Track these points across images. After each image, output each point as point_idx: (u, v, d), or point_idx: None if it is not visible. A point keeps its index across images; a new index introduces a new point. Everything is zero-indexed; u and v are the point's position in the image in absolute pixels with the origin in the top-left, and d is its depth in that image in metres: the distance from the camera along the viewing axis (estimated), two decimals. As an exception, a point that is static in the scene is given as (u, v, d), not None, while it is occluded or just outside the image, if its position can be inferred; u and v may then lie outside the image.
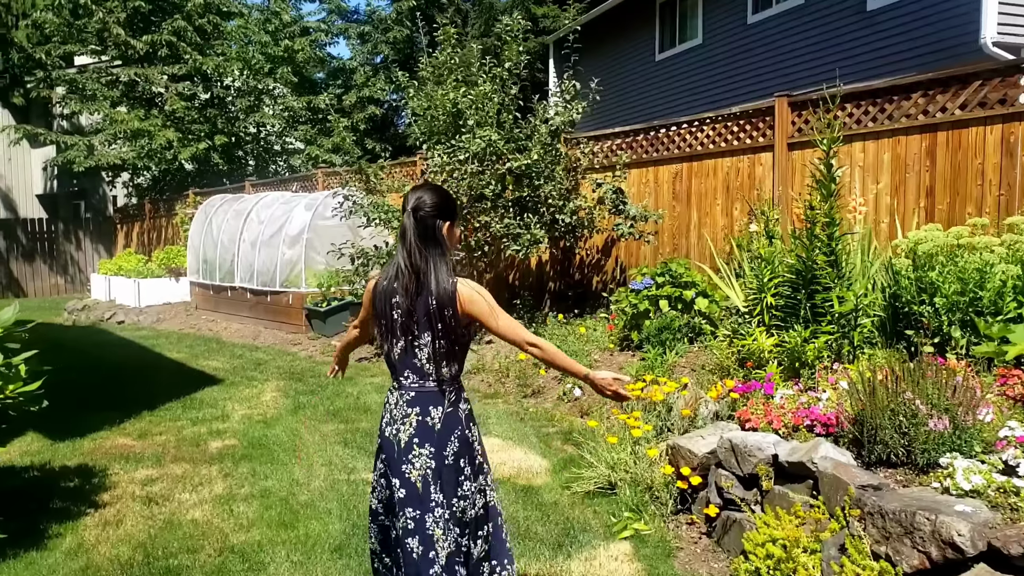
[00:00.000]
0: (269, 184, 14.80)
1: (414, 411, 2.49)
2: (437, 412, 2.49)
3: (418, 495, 2.45)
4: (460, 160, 7.70)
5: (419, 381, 2.50)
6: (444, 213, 2.52)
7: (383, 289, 2.54)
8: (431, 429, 2.47)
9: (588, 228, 8.39)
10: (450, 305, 2.44)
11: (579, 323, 8.44)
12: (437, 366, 2.48)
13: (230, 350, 9.64)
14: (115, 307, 13.02)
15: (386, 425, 2.56)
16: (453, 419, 2.51)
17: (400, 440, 2.49)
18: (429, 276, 2.44)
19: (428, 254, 2.45)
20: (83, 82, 17.94)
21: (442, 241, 2.50)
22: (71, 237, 20.98)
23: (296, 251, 10.25)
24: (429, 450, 2.46)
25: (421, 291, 2.44)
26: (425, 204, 2.48)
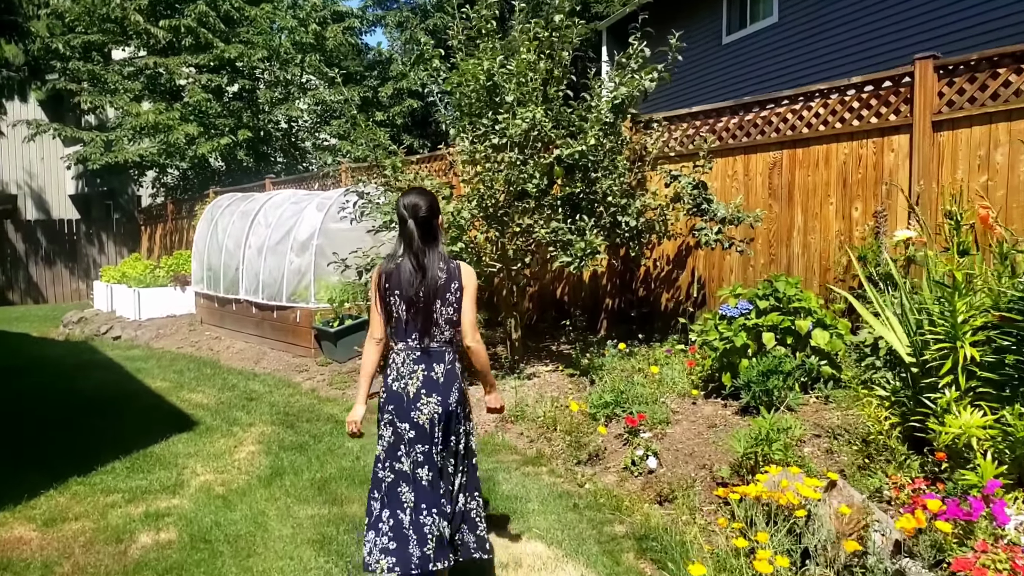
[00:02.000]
0: (290, 182, 13.32)
1: (420, 367, 3.00)
2: (441, 368, 3.02)
3: (427, 434, 2.98)
4: (495, 146, 5.99)
5: (426, 342, 3.01)
6: (436, 211, 3.08)
7: (393, 274, 3.03)
8: (436, 382, 3.00)
9: (657, 233, 6.60)
10: (456, 279, 3.03)
11: (645, 354, 6.66)
12: (440, 330, 3.02)
13: (223, 378, 8.09)
14: (114, 320, 11.65)
15: (393, 381, 3.03)
16: (452, 374, 3.05)
17: (408, 391, 2.99)
18: (433, 264, 3.00)
19: (430, 249, 3.03)
20: (103, 74, 16.77)
21: (438, 235, 3.09)
22: (94, 239, 19.90)
23: (305, 259, 8.68)
24: (437, 399, 2.99)
25: (429, 275, 2.98)
26: (422, 208, 3.02)
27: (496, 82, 6.24)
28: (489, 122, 6.00)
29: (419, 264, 2.96)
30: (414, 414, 2.95)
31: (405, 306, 2.99)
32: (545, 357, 7.40)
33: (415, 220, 2.98)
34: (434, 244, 3.02)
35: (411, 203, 3.00)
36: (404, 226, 3.01)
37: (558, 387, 6.40)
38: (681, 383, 5.75)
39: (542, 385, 6.49)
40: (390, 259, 3.06)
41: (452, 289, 2.99)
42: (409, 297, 2.97)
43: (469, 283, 3.04)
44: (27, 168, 24.79)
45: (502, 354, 7.73)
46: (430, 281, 2.96)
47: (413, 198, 3.03)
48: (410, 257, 2.98)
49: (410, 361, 3.00)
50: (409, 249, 2.99)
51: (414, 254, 2.97)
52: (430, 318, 2.98)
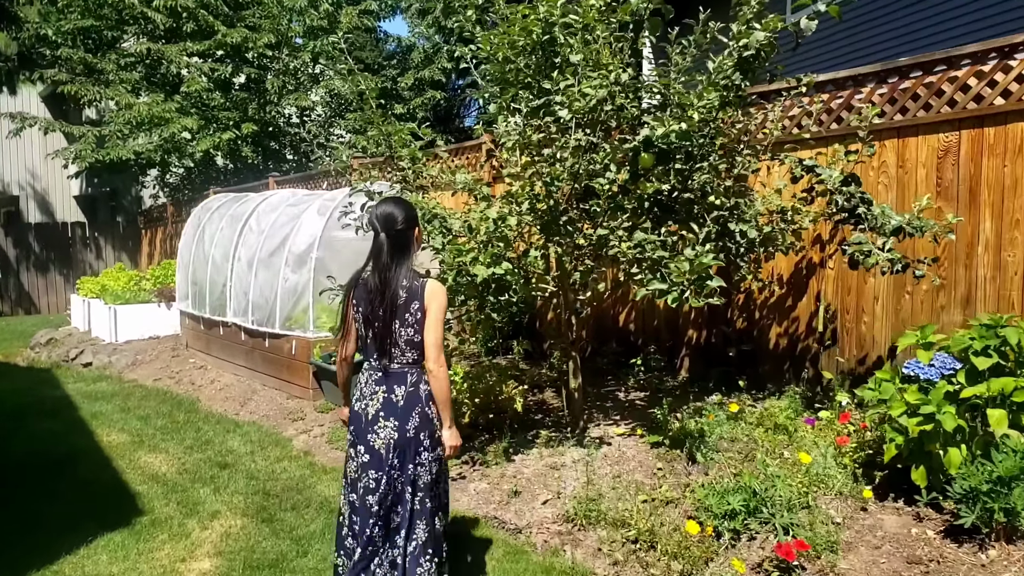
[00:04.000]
0: (295, 180, 11.61)
1: (381, 389, 2.84)
2: (401, 391, 2.84)
3: (381, 460, 2.83)
4: (558, 123, 4.18)
5: (386, 363, 2.84)
6: (413, 222, 2.89)
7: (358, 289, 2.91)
8: (395, 405, 2.83)
9: (778, 245, 4.76)
10: (417, 298, 2.80)
11: (760, 414, 4.82)
12: (402, 351, 2.83)
13: (196, 429, 6.35)
14: (88, 342, 9.97)
15: (356, 400, 2.92)
16: (415, 397, 2.85)
17: (368, 413, 2.86)
18: (398, 279, 2.80)
19: (397, 264, 2.82)
20: (96, 63, 15.18)
21: (412, 248, 2.90)
22: (91, 244, 18.37)
23: (302, 276, 6.92)
24: (393, 424, 2.82)
25: (389, 292, 2.78)
26: (397, 219, 2.82)
27: (553, 36, 4.43)
28: (551, 87, 4.17)
29: (382, 280, 2.82)
30: (370, 437, 2.86)
31: (364, 324, 2.89)
32: (613, 411, 5.57)
33: (388, 234, 2.83)
34: (403, 259, 2.85)
35: (385, 214, 2.85)
36: (375, 238, 2.85)
37: (641, 464, 4.57)
38: (831, 471, 3.90)
39: (618, 459, 4.66)
40: (361, 271, 2.95)
41: (412, 309, 2.82)
42: (366, 316, 2.87)
43: (433, 302, 2.82)
44: (30, 168, 23.43)
45: (553, 404, 5.91)
46: (390, 299, 2.81)
47: (388, 208, 2.87)
48: (375, 272, 2.86)
49: (372, 382, 2.89)
50: (376, 263, 2.86)
51: (380, 269, 2.84)
52: (389, 338, 2.83)
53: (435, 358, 2.80)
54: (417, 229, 2.92)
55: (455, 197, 7.21)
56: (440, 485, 2.98)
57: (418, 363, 2.87)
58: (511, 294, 4.35)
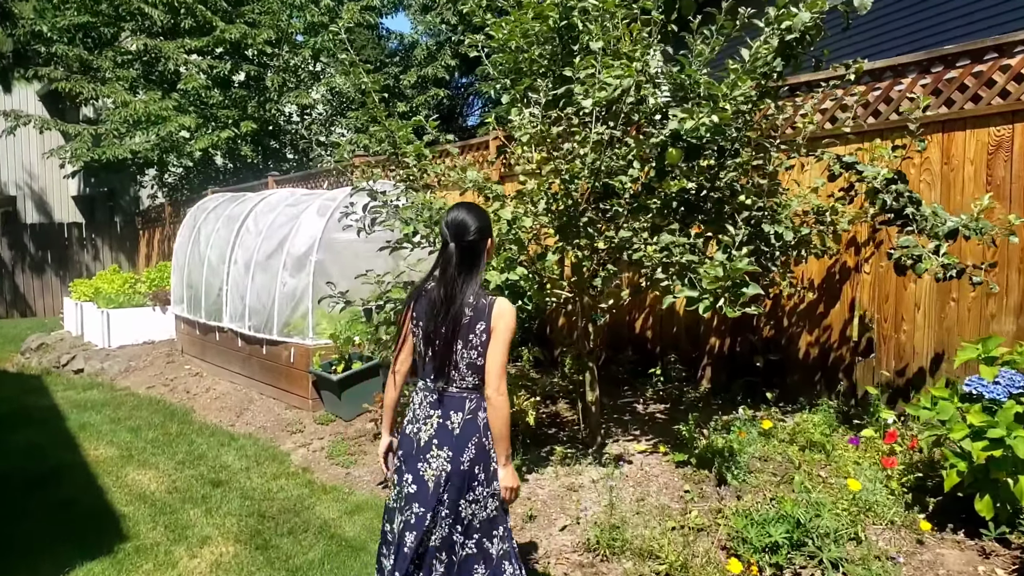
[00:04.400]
0: (295, 180, 11.27)
1: (436, 413, 2.55)
2: (458, 418, 2.53)
3: (428, 494, 2.50)
4: (575, 117, 3.82)
5: (444, 386, 2.55)
6: (486, 232, 2.57)
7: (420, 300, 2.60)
8: (451, 433, 2.52)
9: (812, 249, 4.40)
10: (484, 318, 2.49)
11: (787, 429, 4.48)
12: (462, 374, 2.53)
13: (190, 442, 6.01)
14: (80, 347, 9.62)
15: (408, 423, 2.64)
16: (472, 426, 2.53)
17: (420, 439, 2.56)
18: (464, 295, 2.49)
19: (465, 278, 2.51)
20: (91, 60, 14.85)
21: (482, 261, 2.57)
22: (87, 245, 18.04)
23: (301, 280, 6.57)
24: (447, 453, 2.51)
25: (453, 309, 2.48)
26: (469, 228, 2.51)
27: (571, 21, 4.09)
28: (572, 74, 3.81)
29: (447, 295, 2.51)
30: (420, 466, 2.55)
31: (424, 341, 2.59)
32: (632, 424, 5.22)
33: (458, 244, 2.52)
34: (472, 273, 2.54)
35: (456, 221, 2.54)
36: (444, 248, 2.56)
37: (666, 485, 4.22)
38: (882, 498, 3.54)
39: (640, 479, 4.31)
40: (425, 281, 2.64)
41: (477, 330, 2.50)
42: (427, 332, 2.57)
43: (500, 325, 2.50)
44: (27, 168, 23.14)
45: (567, 417, 5.56)
46: (453, 317, 2.49)
47: (460, 214, 2.56)
48: (440, 285, 2.54)
49: (426, 404, 2.60)
50: (442, 276, 2.54)
51: (446, 283, 2.52)
52: (449, 359, 2.53)
53: (496, 385, 2.49)
54: (490, 240, 2.61)
55: (462, 197, 6.85)
56: (500, 526, 2.61)
57: (478, 389, 2.56)
58: (525, 301, 4.00)
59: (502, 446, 2.56)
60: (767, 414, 4.96)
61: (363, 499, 4.64)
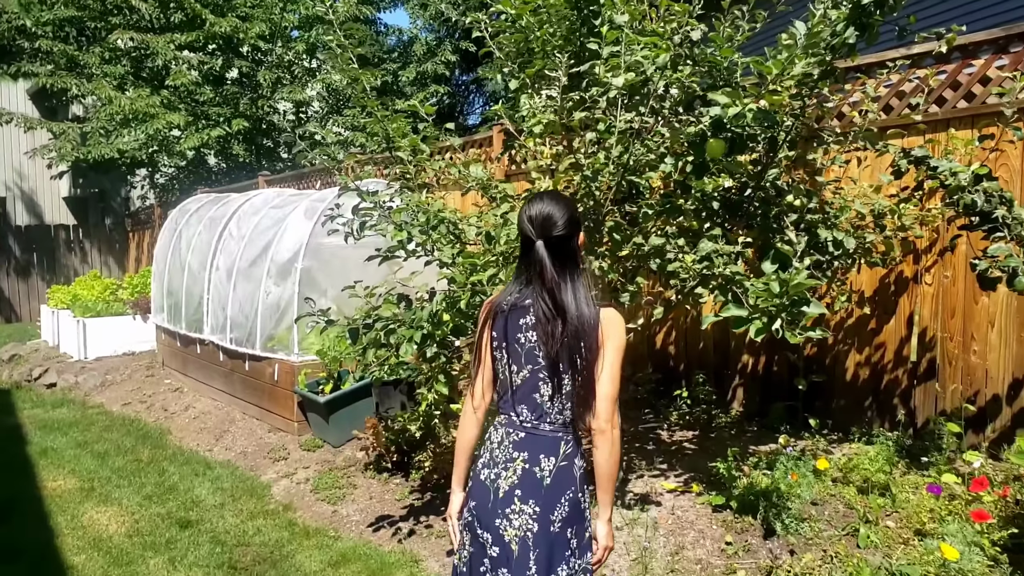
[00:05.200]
0: (287, 179, 10.67)
1: (521, 456, 2.02)
2: (549, 463, 2.00)
3: (512, 560, 1.96)
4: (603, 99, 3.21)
5: (534, 421, 2.04)
6: (578, 224, 2.05)
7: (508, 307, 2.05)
8: (539, 483, 1.99)
9: (869, 256, 3.79)
10: (592, 334, 1.98)
11: (838, 463, 3.87)
12: (561, 406, 2.03)
13: (160, 470, 5.39)
14: (55, 358, 9.00)
15: (483, 467, 2.09)
16: (567, 476, 2.00)
17: (499, 487, 2.02)
18: (579, 302, 1.97)
19: (572, 280, 1.99)
20: (78, 55, 14.26)
21: (580, 259, 2.05)
22: (75, 248, 17.44)
23: (286, 289, 5.96)
24: (533, 508, 1.97)
25: (571, 322, 1.96)
26: (556, 221, 1.98)
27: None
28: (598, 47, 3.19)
29: (555, 304, 1.96)
30: (499, 523, 1.98)
31: (513, 364, 2.04)
32: (657, 456, 4.60)
33: (547, 241, 1.96)
34: (577, 275, 2.01)
35: (543, 214, 1.98)
36: (528, 251, 2.00)
37: (703, 534, 3.60)
38: (978, 564, 2.92)
39: (674, 526, 3.70)
40: (507, 293, 2.08)
41: (583, 349, 1.96)
42: (529, 352, 2.02)
43: (612, 338, 1.98)
44: (16, 168, 22.53)
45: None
46: (574, 332, 1.96)
47: (543, 206, 1.99)
48: (541, 294, 1.97)
49: (509, 444, 2.05)
50: (540, 284, 1.97)
51: (549, 290, 1.96)
52: (552, 386, 2.01)
53: (610, 415, 1.98)
54: (581, 235, 2.11)
55: (464, 198, 6.25)
56: None
57: (571, 425, 2.07)
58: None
59: (610, 495, 2.06)
60: (812, 445, 4.35)
61: (350, 546, 4.02)
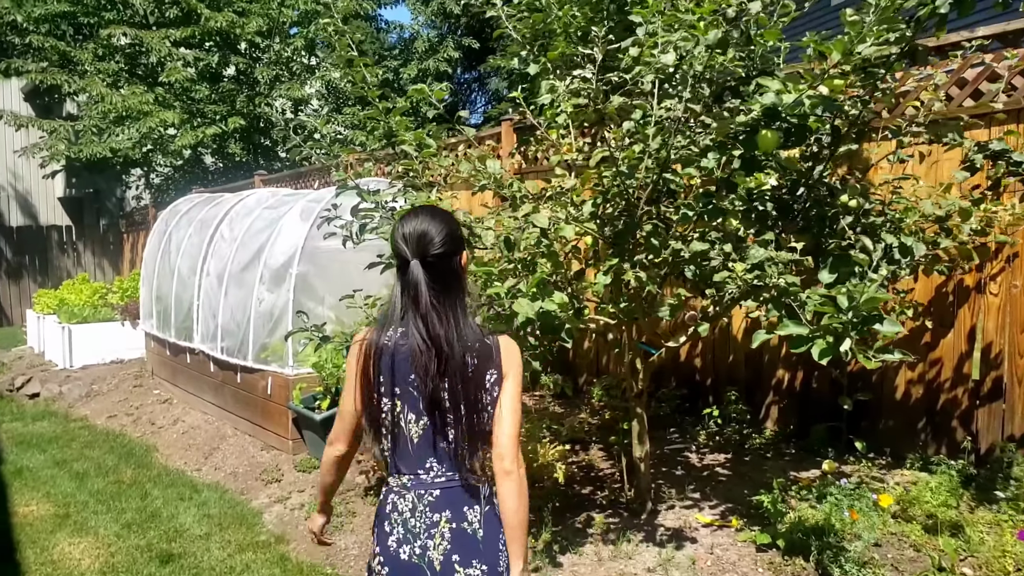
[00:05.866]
0: (284, 179, 10.26)
1: (444, 516, 1.74)
2: (475, 513, 1.76)
3: None
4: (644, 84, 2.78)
5: (448, 473, 1.75)
6: (458, 240, 1.78)
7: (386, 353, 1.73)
8: (473, 538, 1.74)
9: (939, 263, 3.37)
10: (494, 363, 1.74)
11: (892, 492, 3.45)
12: (472, 451, 1.76)
13: (142, 495, 4.96)
14: (40, 366, 8.58)
15: (399, 544, 1.74)
16: (495, 521, 1.77)
17: (432, 561, 1.71)
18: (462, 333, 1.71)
19: (450, 310, 1.71)
20: (70, 51, 13.85)
21: (463, 282, 1.79)
22: (68, 250, 17.03)
23: (280, 296, 5.53)
24: (480, 568, 1.71)
25: (454, 357, 1.69)
26: (433, 238, 1.71)
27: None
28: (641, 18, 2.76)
29: (432, 338, 1.67)
30: None
31: (413, 410, 1.73)
32: (688, 482, 4.16)
33: (423, 260, 1.70)
34: (457, 300, 1.74)
35: (416, 231, 1.72)
36: (404, 272, 1.72)
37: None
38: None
39: (713, 569, 3.27)
40: (384, 326, 1.76)
41: (487, 383, 1.73)
42: (415, 401, 1.72)
43: (512, 368, 1.75)
44: (11, 168, 22.08)
45: (603, 469, 4.51)
46: (456, 369, 1.69)
47: (420, 222, 1.73)
48: (416, 326, 1.68)
49: (424, 507, 1.74)
50: (415, 310, 1.70)
51: (421, 318, 1.68)
52: (457, 433, 1.73)
53: (514, 454, 1.74)
54: (465, 253, 1.83)
55: (473, 199, 5.82)
56: None
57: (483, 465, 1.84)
58: (564, 337, 2.95)
59: (520, 543, 1.74)
60: (859, 471, 3.93)
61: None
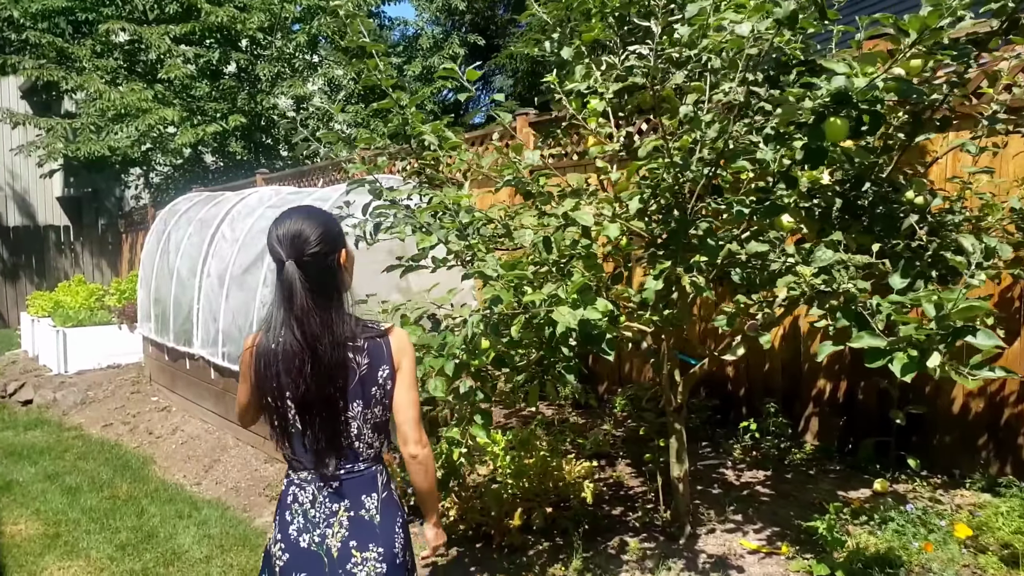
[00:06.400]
0: (286, 177, 9.96)
1: (343, 505, 1.81)
2: (372, 500, 1.83)
3: None
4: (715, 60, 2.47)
5: (347, 466, 1.82)
6: (335, 239, 1.80)
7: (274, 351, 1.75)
8: (370, 524, 1.82)
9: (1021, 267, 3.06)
10: (384, 360, 1.79)
11: (953, 515, 3.14)
12: (368, 444, 1.83)
13: (139, 512, 4.65)
14: (34, 371, 8.27)
15: (299, 533, 1.81)
16: (391, 505, 1.86)
17: (330, 548, 1.79)
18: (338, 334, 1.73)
19: (325, 310, 1.73)
20: (67, 48, 13.55)
21: (341, 282, 1.81)
22: (66, 251, 16.73)
23: (285, 300, 5.22)
24: (376, 552, 1.79)
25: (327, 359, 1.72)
26: (308, 238, 1.74)
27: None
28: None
29: (307, 338, 1.70)
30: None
31: (297, 408, 1.76)
32: (727, 501, 3.85)
33: (298, 261, 1.72)
34: (334, 299, 1.76)
35: (291, 232, 1.74)
36: (280, 272, 1.75)
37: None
38: None
39: (766, 604, 2.96)
40: (266, 327, 1.80)
41: (380, 378, 1.79)
42: (296, 400, 1.75)
43: (405, 363, 1.82)
44: (8, 167, 21.79)
45: (632, 486, 4.20)
46: (331, 369, 1.72)
47: (294, 222, 1.76)
48: (289, 326, 1.72)
49: (324, 498, 1.82)
50: (288, 311, 1.72)
51: (295, 319, 1.71)
52: (346, 429, 1.78)
53: (417, 437, 1.84)
54: (343, 252, 1.85)
55: (494, 198, 5.50)
56: None
57: (380, 453, 1.90)
58: (605, 348, 2.64)
59: (431, 505, 1.95)
60: (913, 490, 3.63)
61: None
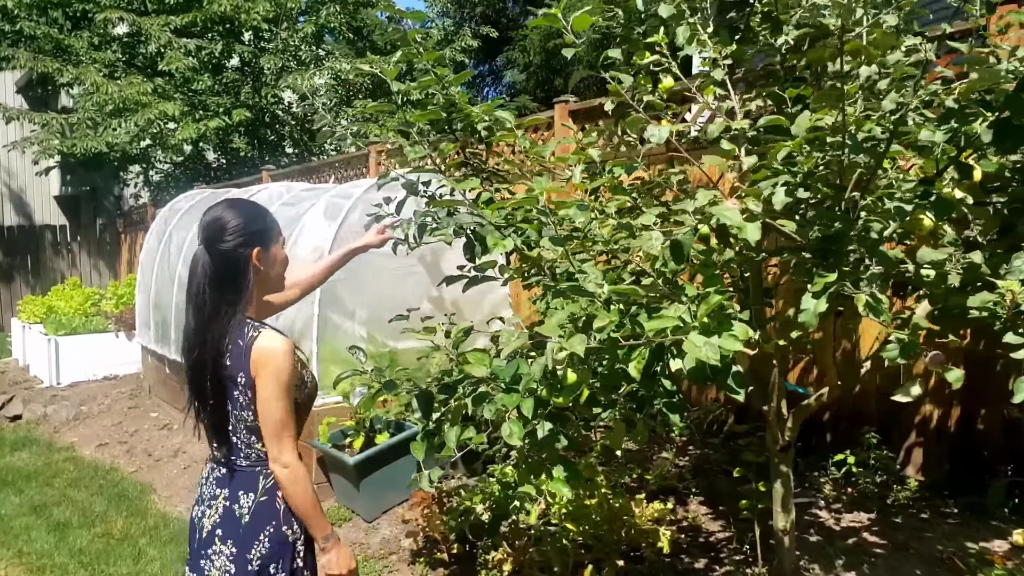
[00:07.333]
0: (294, 173, 9.35)
1: (223, 493, 1.86)
2: (248, 499, 1.83)
3: None
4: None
5: (230, 457, 1.85)
6: (252, 235, 1.82)
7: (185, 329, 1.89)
8: (237, 521, 1.83)
9: None
10: (242, 366, 1.77)
11: None
12: (248, 442, 1.83)
13: (135, 553, 4.05)
14: (22, 383, 7.66)
15: (195, 504, 1.95)
16: (267, 510, 1.83)
17: (203, 527, 1.87)
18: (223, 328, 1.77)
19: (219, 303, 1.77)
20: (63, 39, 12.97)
21: (245, 281, 1.81)
22: (62, 251, 16.13)
23: (302, 310, 4.61)
24: (230, 550, 1.81)
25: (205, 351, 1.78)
26: (224, 226, 1.78)
27: None
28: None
29: (196, 327, 1.80)
30: (204, 564, 1.84)
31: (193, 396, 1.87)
32: (832, 553, 3.24)
33: (207, 247, 1.79)
34: (228, 294, 1.78)
35: (210, 217, 1.82)
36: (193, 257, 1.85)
37: None
38: None
39: None
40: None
41: (240, 384, 1.79)
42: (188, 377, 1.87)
43: (260, 370, 1.75)
44: (5, 165, 21.23)
45: (712, 531, 3.59)
46: (211, 359, 1.77)
47: (219, 210, 1.82)
48: (188, 310, 1.83)
49: (212, 480, 1.90)
50: (188, 297, 1.83)
51: (195, 308, 1.80)
52: (225, 419, 1.82)
53: (276, 455, 1.75)
54: (258, 250, 1.78)
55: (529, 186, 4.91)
56: None
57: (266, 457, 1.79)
58: (734, 385, 2.04)
59: (311, 522, 1.80)
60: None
61: None
